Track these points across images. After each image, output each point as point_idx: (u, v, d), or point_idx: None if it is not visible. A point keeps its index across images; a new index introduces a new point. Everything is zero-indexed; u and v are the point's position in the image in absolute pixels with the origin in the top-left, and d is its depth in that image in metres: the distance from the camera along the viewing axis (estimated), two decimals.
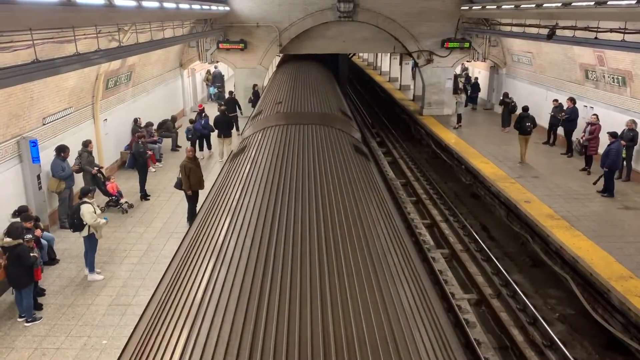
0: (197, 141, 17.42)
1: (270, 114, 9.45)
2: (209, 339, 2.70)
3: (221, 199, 5.34)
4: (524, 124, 15.90)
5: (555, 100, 17.39)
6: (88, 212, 9.29)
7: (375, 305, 3.10)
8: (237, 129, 18.90)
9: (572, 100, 16.28)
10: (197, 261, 3.87)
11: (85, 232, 9.46)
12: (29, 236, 8.45)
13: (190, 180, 11.64)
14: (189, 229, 5.51)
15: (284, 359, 2.48)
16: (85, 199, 9.49)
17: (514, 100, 19.74)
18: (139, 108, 17.51)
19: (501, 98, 20.54)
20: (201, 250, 4.05)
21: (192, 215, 11.65)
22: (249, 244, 3.80)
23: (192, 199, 11.76)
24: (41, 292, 8.99)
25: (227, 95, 22.41)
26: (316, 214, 4.41)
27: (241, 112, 20.38)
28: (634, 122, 13.67)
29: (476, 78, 25.57)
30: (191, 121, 17.77)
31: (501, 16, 18.98)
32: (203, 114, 17.92)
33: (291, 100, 10.54)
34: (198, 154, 16.36)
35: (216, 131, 17.14)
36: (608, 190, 13.07)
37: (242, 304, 2.98)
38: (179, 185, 11.91)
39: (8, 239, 8.07)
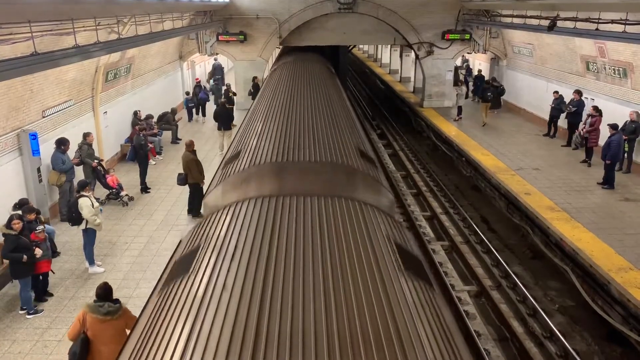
0: (196, 109, 21.50)
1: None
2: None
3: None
4: (485, 94, 19.74)
5: (556, 92, 17.35)
6: (86, 205, 9.28)
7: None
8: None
9: (578, 92, 16.22)
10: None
11: (83, 226, 9.47)
12: (41, 227, 8.48)
13: (192, 172, 11.61)
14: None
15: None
16: (83, 193, 9.48)
17: (502, 84, 21.61)
18: (139, 100, 17.48)
19: (490, 82, 22.08)
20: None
21: (195, 209, 11.61)
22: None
23: (197, 194, 11.62)
24: (43, 286, 8.97)
25: (224, 88, 22.41)
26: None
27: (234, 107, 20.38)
28: (637, 113, 13.63)
29: (479, 70, 25.42)
30: (187, 93, 21.94)
31: (502, 7, 18.89)
32: (202, 86, 22.33)
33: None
34: (197, 117, 21.53)
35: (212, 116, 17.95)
36: (608, 182, 13.07)
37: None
38: (182, 182, 11.79)
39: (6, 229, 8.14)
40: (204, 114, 21.68)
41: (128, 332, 5.41)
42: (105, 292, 5.92)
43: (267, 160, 5.53)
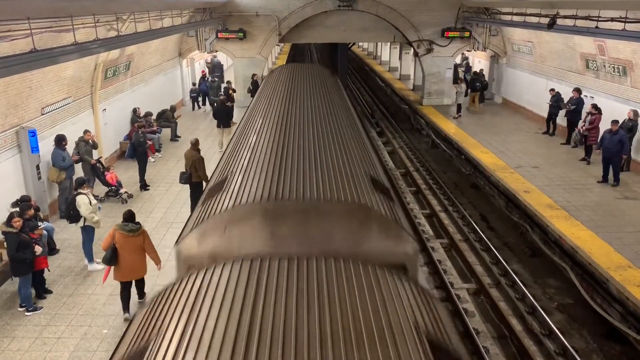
0: (198, 99, 23.25)
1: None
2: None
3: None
4: (474, 83, 21.52)
5: (552, 90, 17.36)
6: (84, 203, 9.26)
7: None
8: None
9: (578, 90, 16.22)
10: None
11: (81, 223, 9.45)
12: (41, 224, 8.48)
13: (198, 170, 11.61)
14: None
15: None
16: (80, 190, 9.47)
17: (486, 80, 22.86)
18: (138, 98, 17.45)
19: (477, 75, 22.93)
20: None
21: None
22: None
23: (198, 192, 11.60)
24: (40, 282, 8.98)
25: (224, 86, 22.42)
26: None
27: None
28: (635, 112, 13.63)
29: (481, 70, 25.28)
30: (193, 84, 23.46)
31: (502, 5, 18.87)
32: (206, 78, 24.22)
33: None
34: (200, 107, 23.26)
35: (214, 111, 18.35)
36: (608, 180, 13.08)
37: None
38: (186, 180, 11.76)
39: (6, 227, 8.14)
40: (204, 104, 23.52)
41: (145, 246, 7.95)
42: (129, 215, 7.98)
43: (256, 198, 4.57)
